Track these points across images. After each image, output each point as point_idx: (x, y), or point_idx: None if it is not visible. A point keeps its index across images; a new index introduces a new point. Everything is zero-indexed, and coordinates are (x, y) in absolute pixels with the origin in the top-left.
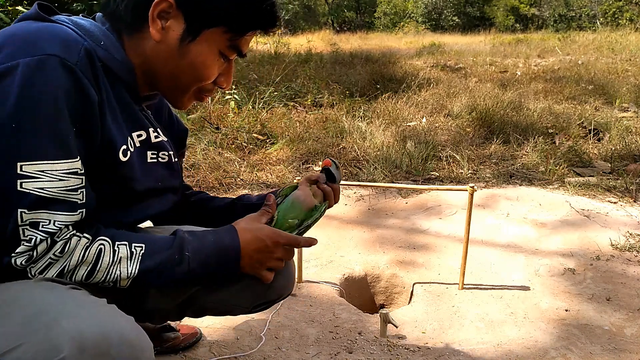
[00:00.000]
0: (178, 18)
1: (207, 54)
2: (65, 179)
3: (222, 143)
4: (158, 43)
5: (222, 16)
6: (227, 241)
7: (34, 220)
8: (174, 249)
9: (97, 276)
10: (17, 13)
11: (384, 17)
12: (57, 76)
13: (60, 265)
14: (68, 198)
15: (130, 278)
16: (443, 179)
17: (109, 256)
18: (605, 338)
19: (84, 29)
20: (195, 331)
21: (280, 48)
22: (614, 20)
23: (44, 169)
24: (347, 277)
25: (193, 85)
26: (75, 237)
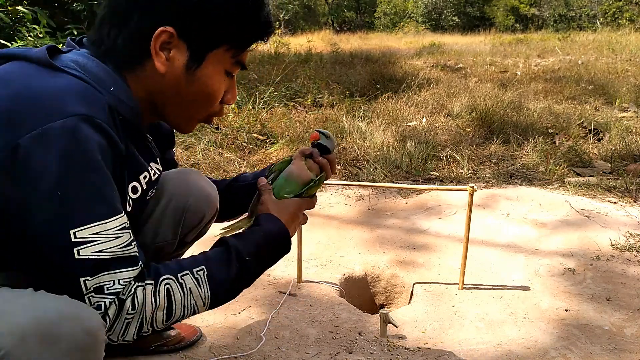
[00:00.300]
0: (180, 47)
1: (215, 75)
2: (120, 236)
3: (222, 143)
4: (163, 75)
5: (225, 35)
6: (274, 230)
7: (98, 285)
8: (233, 260)
9: (175, 315)
10: (17, 13)
11: (384, 17)
12: (91, 135)
13: (137, 320)
14: (126, 254)
15: (206, 304)
16: (443, 179)
17: (179, 293)
18: (605, 338)
19: (93, 74)
20: (195, 330)
21: (280, 48)
22: (614, 20)
23: (98, 230)
24: (347, 277)
25: (204, 111)
26: (140, 288)
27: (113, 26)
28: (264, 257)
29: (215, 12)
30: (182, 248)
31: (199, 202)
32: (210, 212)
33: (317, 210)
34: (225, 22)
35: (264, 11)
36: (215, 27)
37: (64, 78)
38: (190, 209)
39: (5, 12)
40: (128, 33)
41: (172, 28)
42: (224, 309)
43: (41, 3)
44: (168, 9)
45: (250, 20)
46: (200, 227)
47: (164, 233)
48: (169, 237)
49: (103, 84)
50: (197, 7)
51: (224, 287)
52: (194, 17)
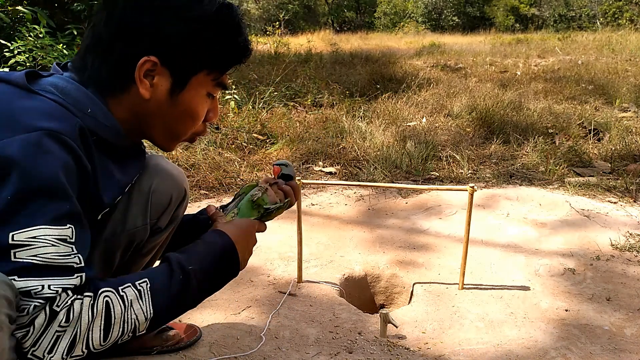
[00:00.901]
0: (164, 74)
1: (197, 98)
2: (58, 245)
3: (222, 143)
4: (148, 100)
5: (205, 61)
6: (219, 242)
7: (25, 290)
8: (176, 270)
9: (113, 331)
10: (17, 13)
11: (384, 17)
12: (53, 149)
13: (71, 334)
14: (62, 264)
15: (148, 319)
16: (443, 179)
17: (119, 305)
18: (605, 338)
19: (70, 96)
20: (195, 330)
21: (280, 48)
22: (614, 20)
23: (35, 234)
24: (347, 277)
25: (188, 131)
26: (78, 301)
27: (97, 55)
28: (209, 269)
29: (195, 40)
30: (158, 235)
31: (164, 183)
32: (178, 193)
33: (317, 210)
34: (206, 49)
35: (242, 37)
36: (196, 54)
37: (38, 100)
38: (156, 190)
39: (5, 12)
40: (112, 62)
41: (155, 57)
42: (224, 308)
43: (41, 3)
44: (150, 39)
45: (229, 46)
46: (171, 210)
47: (133, 219)
48: (139, 223)
49: (80, 106)
50: (178, 37)
51: (167, 299)
52: (175, 45)
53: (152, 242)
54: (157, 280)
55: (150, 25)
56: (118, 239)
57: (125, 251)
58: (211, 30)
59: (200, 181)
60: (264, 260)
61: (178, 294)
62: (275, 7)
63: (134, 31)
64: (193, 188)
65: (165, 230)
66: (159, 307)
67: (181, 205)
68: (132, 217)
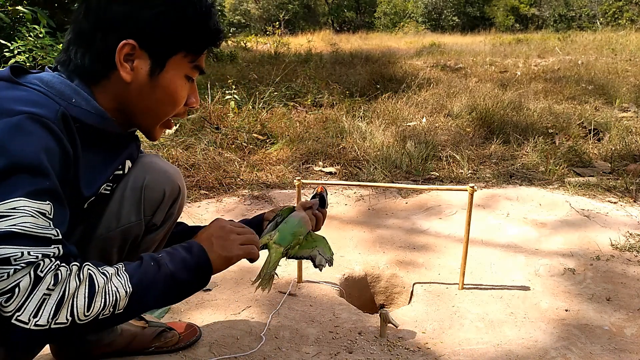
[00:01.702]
0: (142, 56)
1: (176, 79)
2: (36, 217)
3: (222, 143)
4: (129, 84)
5: (181, 42)
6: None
7: (3, 256)
8: (146, 259)
9: (96, 301)
10: (17, 13)
11: (384, 17)
12: (35, 130)
13: (57, 297)
14: (41, 234)
15: (127, 294)
16: (443, 179)
17: (101, 277)
18: (605, 338)
19: (55, 89)
20: (195, 330)
21: (280, 48)
22: (614, 20)
23: (15, 206)
24: (347, 277)
25: (170, 113)
26: (64, 267)
27: (79, 47)
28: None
29: (169, 23)
30: (154, 233)
31: (157, 178)
32: (171, 189)
33: None
34: (179, 31)
35: (213, 20)
36: (171, 36)
37: (22, 90)
38: (148, 186)
39: (5, 12)
40: (94, 51)
41: (133, 40)
42: (224, 308)
43: (41, 3)
44: (127, 25)
45: (201, 28)
46: (165, 206)
47: (127, 215)
48: (133, 218)
49: (64, 97)
50: (153, 20)
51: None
52: (151, 28)
53: (149, 240)
54: (130, 265)
55: (126, 12)
56: (112, 235)
57: (122, 249)
58: (183, 12)
59: (200, 181)
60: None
61: (152, 275)
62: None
63: (111, 19)
64: (193, 188)
65: (161, 228)
66: (136, 285)
67: (176, 202)
68: (126, 212)
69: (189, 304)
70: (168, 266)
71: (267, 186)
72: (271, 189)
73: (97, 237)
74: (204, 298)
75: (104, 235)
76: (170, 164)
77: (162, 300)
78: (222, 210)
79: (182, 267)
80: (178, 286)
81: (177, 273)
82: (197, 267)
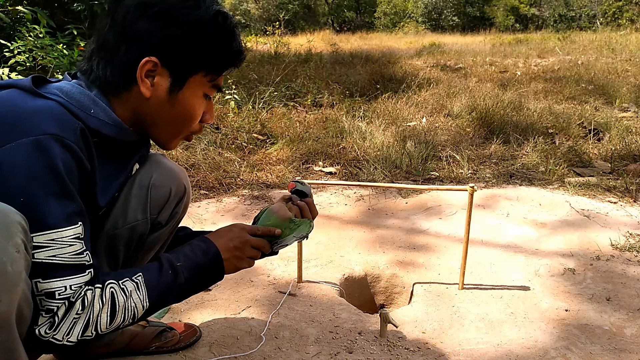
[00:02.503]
0: (163, 74)
1: (194, 98)
2: (73, 244)
3: (222, 143)
4: (148, 99)
5: (202, 62)
6: (203, 244)
7: (50, 291)
8: (165, 267)
9: (117, 317)
10: (17, 13)
11: (384, 17)
12: (57, 152)
13: (84, 320)
14: (77, 261)
15: (145, 308)
16: (443, 179)
17: (121, 295)
18: (605, 338)
19: (74, 99)
20: (195, 330)
21: (280, 48)
22: (614, 20)
23: (54, 237)
24: (347, 277)
25: (186, 129)
26: (89, 291)
27: (102, 58)
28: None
29: (193, 43)
30: (159, 231)
31: (163, 177)
32: (177, 187)
33: (318, 210)
34: (202, 51)
35: (236, 41)
36: (194, 56)
37: (42, 101)
38: (154, 185)
39: (5, 12)
40: (116, 64)
41: (156, 57)
42: (224, 308)
43: (41, 3)
44: (152, 42)
45: (224, 49)
46: (171, 205)
47: (133, 213)
48: (139, 216)
49: (83, 107)
50: (177, 40)
51: (159, 289)
52: (174, 48)
53: (154, 238)
54: (150, 274)
55: (151, 29)
56: (119, 232)
57: (128, 246)
58: (207, 33)
59: (200, 181)
60: (264, 261)
61: (168, 287)
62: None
63: (136, 35)
64: (193, 188)
65: (167, 226)
66: (154, 297)
67: (181, 201)
68: (132, 210)
69: (189, 304)
70: (184, 274)
71: (267, 186)
72: (271, 189)
73: (104, 234)
74: (204, 298)
75: (111, 233)
76: (175, 164)
77: (171, 303)
78: (222, 210)
79: (196, 273)
80: (190, 291)
81: (191, 279)
82: (211, 275)
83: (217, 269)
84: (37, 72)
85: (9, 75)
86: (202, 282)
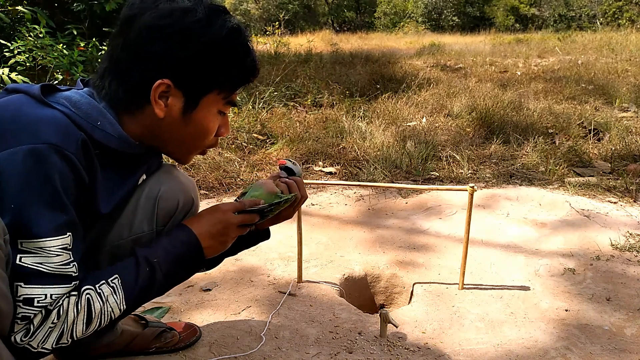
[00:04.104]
0: (177, 95)
1: (209, 116)
2: (60, 254)
3: (222, 143)
4: (162, 119)
5: (216, 82)
6: (179, 233)
7: (29, 297)
8: (142, 264)
9: (93, 323)
10: (17, 13)
11: (384, 17)
12: (54, 162)
13: (59, 329)
14: (63, 272)
15: (122, 311)
16: (443, 179)
17: (98, 301)
18: (605, 338)
19: (82, 110)
20: (195, 330)
21: (280, 48)
22: (614, 20)
23: (42, 245)
24: (347, 277)
25: (201, 146)
26: (65, 300)
27: (114, 78)
28: (173, 259)
29: (206, 64)
30: None
31: (172, 190)
32: (185, 200)
33: (317, 210)
34: (216, 71)
35: (250, 57)
36: (207, 76)
37: (48, 111)
38: (162, 197)
39: (5, 12)
40: (129, 84)
41: (169, 79)
42: (224, 308)
43: (41, 3)
44: (165, 64)
45: (238, 67)
46: (178, 218)
47: (139, 224)
48: (145, 229)
49: (90, 119)
50: (190, 61)
51: (137, 291)
52: (188, 69)
53: None
54: (126, 275)
55: (164, 50)
56: (123, 243)
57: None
58: (221, 53)
59: (200, 181)
60: (264, 261)
61: (146, 286)
62: (275, 7)
63: (149, 56)
64: None
65: None
66: (131, 299)
67: (188, 214)
68: (138, 221)
69: (189, 304)
70: (162, 269)
71: None
72: None
73: (107, 244)
74: (204, 298)
75: (116, 243)
76: (186, 176)
77: (151, 299)
78: None
79: (175, 266)
80: (170, 284)
81: (170, 272)
82: (191, 265)
83: (197, 258)
84: (37, 72)
85: (9, 76)
86: (183, 273)
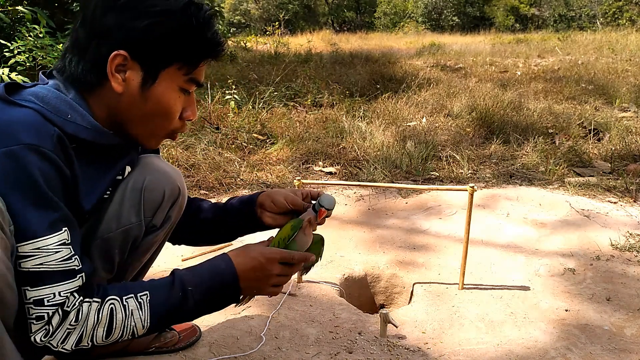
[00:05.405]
0: (134, 67)
1: (169, 92)
2: (59, 250)
3: (222, 143)
4: (121, 94)
5: (174, 54)
6: (222, 267)
7: (38, 298)
8: (176, 288)
9: (114, 333)
10: (17, 13)
11: (384, 17)
12: (34, 162)
13: (78, 332)
14: (65, 267)
15: (145, 328)
16: (443, 179)
17: (121, 313)
18: (605, 338)
19: (50, 104)
20: (195, 330)
21: (280, 48)
22: (614, 20)
23: (39, 245)
24: (347, 277)
25: (163, 127)
26: (86, 304)
27: (74, 55)
28: (206, 291)
29: (162, 34)
30: (153, 234)
31: (157, 179)
32: (171, 190)
33: None
34: (173, 42)
35: (211, 31)
36: (164, 47)
37: (17, 110)
38: (148, 187)
39: (5, 12)
40: (87, 60)
41: (125, 51)
42: None
43: (41, 3)
44: (120, 35)
45: (197, 39)
46: (165, 207)
47: (127, 216)
48: (132, 220)
49: (60, 112)
50: (145, 31)
51: (164, 312)
52: (143, 39)
53: (148, 241)
54: (157, 295)
55: (119, 22)
56: (113, 235)
57: (123, 249)
58: (177, 24)
59: (200, 181)
60: None
61: (174, 310)
62: (275, 7)
63: (104, 29)
64: (193, 188)
65: (161, 229)
66: (156, 319)
67: (175, 204)
68: (126, 213)
69: None
70: (194, 297)
71: (267, 186)
72: (271, 189)
73: (97, 238)
74: None
75: (105, 236)
76: (170, 165)
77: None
78: None
79: (208, 298)
80: (197, 314)
81: (201, 302)
82: (223, 302)
83: (231, 296)
84: (37, 72)
85: (9, 76)
86: (213, 306)
